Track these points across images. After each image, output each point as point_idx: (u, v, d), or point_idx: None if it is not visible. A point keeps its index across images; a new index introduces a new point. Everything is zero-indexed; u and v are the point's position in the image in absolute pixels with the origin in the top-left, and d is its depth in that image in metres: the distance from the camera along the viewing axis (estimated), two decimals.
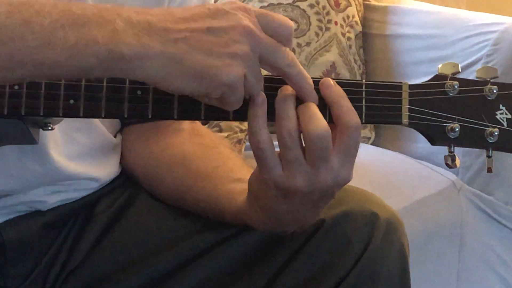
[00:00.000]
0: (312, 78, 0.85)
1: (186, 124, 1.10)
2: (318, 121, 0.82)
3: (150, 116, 0.83)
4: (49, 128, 0.86)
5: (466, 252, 1.83)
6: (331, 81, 0.85)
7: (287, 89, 0.84)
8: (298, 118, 0.83)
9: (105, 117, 0.83)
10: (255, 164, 0.87)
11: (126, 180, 1.11)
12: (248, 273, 0.99)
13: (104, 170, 1.07)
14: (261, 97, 0.83)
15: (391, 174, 1.84)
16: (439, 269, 1.80)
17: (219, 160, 1.04)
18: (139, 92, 0.83)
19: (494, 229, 1.85)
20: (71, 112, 0.83)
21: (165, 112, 0.83)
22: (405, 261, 0.98)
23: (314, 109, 0.83)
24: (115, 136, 1.10)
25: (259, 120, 0.83)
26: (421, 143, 1.97)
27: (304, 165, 0.83)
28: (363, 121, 0.86)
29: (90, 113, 0.83)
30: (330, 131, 0.83)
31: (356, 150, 0.85)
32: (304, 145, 0.84)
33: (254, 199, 0.90)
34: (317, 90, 0.85)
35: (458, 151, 0.89)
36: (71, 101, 0.82)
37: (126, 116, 0.83)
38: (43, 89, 0.82)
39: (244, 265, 1.00)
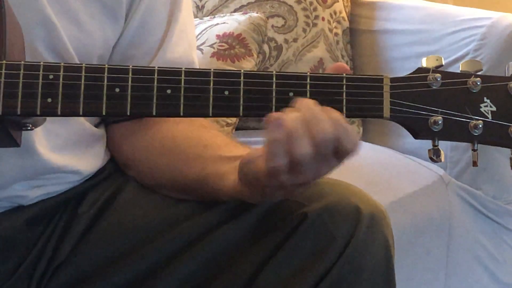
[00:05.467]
0: (299, 73, 0.86)
1: None
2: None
3: (128, 113, 0.82)
4: (28, 128, 0.86)
5: (454, 246, 1.82)
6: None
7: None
8: None
9: (83, 115, 0.82)
10: None
11: (112, 174, 1.10)
12: (232, 265, 0.99)
13: (86, 163, 1.07)
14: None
15: (379, 169, 1.83)
16: (428, 263, 1.80)
17: (208, 139, 1.04)
18: (117, 89, 0.82)
19: (482, 223, 1.85)
20: (48, 111, 0.82)
21: (143, 109, 0.83)
22: (389, 254, 0.98)
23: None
24: (96, 126, 1.09)
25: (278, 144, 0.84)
26: (409, 138, 1.95)
27: (312, 164, 0.85)
28: (344, 115, 0.85)
29: (68, 112, 0.83)
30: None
31: None
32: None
33: (244, 184, 0.92)
34: (306, 85, 0.86)
35: (445, 146, 0.89)
36: (49, 100, 0.82)
37: (104, 113, 0.82)
38: (20, 88, 0.81)
39: (228, 258, 0.99)
